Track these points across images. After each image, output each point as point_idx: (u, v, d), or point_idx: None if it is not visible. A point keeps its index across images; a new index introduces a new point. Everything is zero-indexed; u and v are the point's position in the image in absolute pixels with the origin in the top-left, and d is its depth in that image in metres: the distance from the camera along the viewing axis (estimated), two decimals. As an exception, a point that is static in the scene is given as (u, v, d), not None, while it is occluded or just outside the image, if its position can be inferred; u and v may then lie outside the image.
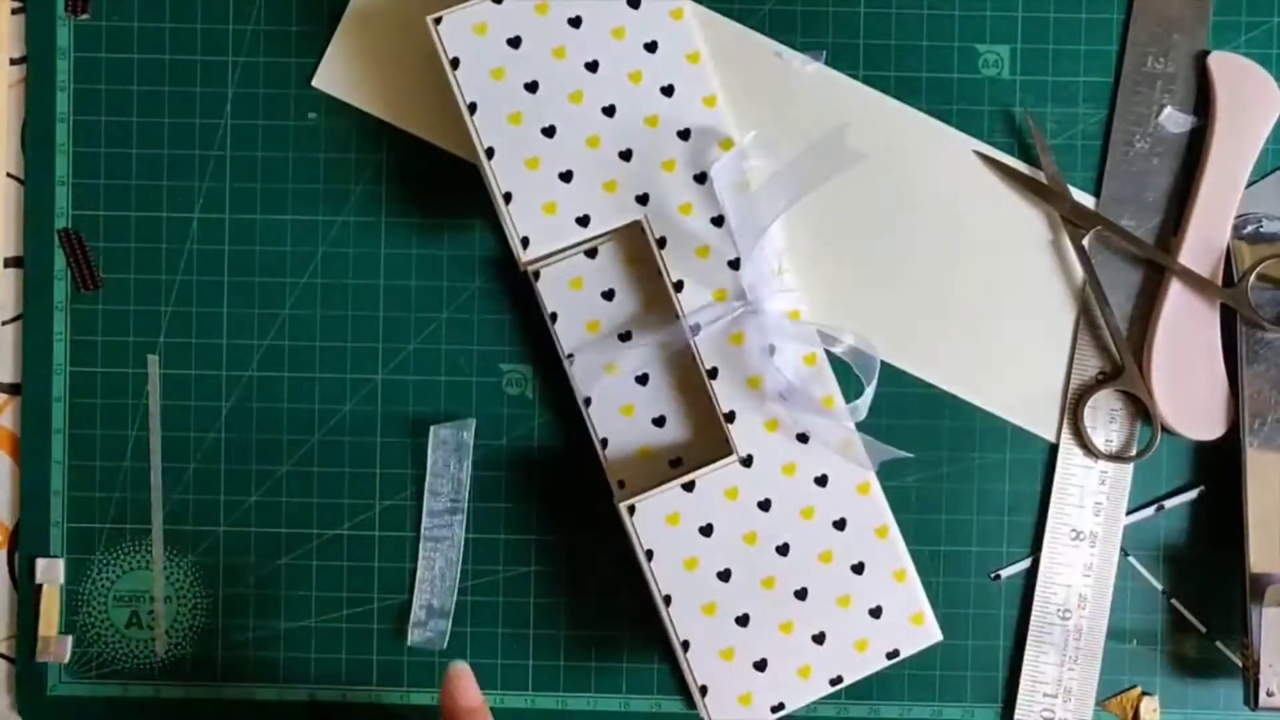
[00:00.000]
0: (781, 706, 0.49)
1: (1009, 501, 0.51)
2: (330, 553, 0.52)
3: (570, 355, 0.49)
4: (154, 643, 0.52)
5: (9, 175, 0.52)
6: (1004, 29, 0.51)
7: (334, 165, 0.52)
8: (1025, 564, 0.51)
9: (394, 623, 0.52)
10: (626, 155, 0.49)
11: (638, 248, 0.49)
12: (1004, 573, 0.51)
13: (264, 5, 0.51)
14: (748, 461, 0.49)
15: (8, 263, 0.52)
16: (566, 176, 0.48)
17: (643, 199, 0.49)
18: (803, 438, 0.49)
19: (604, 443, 0.50)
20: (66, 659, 0.52)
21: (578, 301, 0.50)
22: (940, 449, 0.51)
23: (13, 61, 0.52)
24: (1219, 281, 0.50)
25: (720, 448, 0.49)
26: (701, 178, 0.49)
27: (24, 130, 0.52)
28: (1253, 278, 0.49)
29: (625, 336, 0.50)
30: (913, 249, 0.51)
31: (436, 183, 0.52)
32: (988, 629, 0.51)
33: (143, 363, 0.52)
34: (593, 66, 0.48)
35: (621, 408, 0.50)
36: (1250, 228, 0.50)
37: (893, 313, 0.51)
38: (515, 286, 0.51)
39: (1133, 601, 0.51)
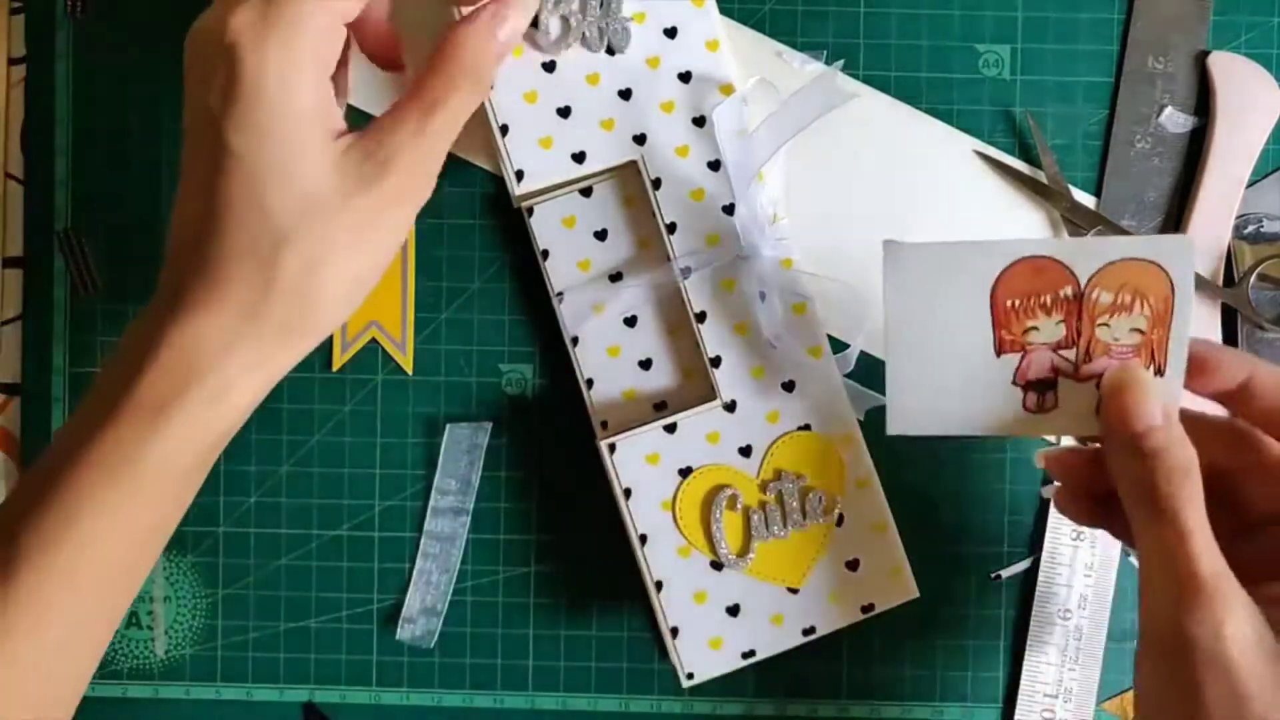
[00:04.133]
0: (753, 653, 0.49)
1: (1009, 501, 0.51)
2: (330, 553, 0.52)
3: (560, 294, 0.50)
4: (154, 643, 0.52)
5: (9, 176, 0.52)
6: (1004, 29, 0.51)
7: (334, 165, 0.52)
8: (1025, 564, 0.51)
9: (394, 623, 0.52)
10: (626, 94, 0.49)
11: (633, 188, 0.50)
12: (1004, 573, 0.51)
13: (264, 5, 0.51)
14: (731, 407, 0.49)
15: (8, 263, 0.52)
16: (565, 112, 0.49)
17: (640, 139, 0.49)
18: (788, 386, 0.49)
19: (589, 383, 0.50)
20: (66, 659, 0.52)
21: (570, 240, 0.50)
22: (940, 449, 0.51)
23: (12, 62, 0.52)
24: (1219, 281, 0.50)
25: (705, 393, 0.49)
26: (700, 121, 0.49)
27: (24, 131, 0.52)
28: (1253, 278, 0.49)
29: (616, 277, 0.50)
30: (913, 249, 0.51)
31: (436, 182, 0.51)
32: (988, 629, 0.51)
33: (143, 363, 0.52)
34: (599, 4, 0.48)
35: (608, 349, 0.50)
36: (1251, 228, 0.50)
37: (893, 313, 0.51)
38: (516, 286, 0.51)
39: (1133, 601, 0.51)
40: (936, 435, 0.43)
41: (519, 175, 0.49)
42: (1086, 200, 0.51)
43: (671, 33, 0.49)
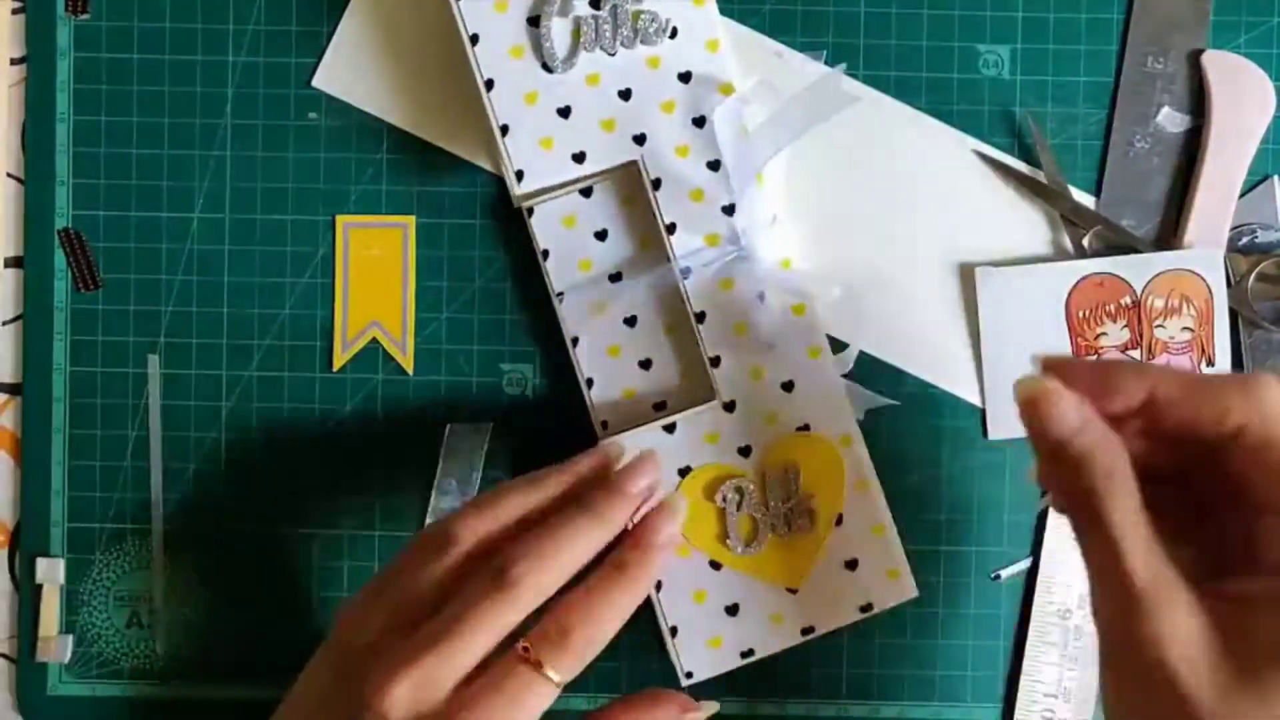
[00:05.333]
0: (751, 652, 0.49)
1: (1009, 501, 0.51)
2: (331, 553, 0.52)
3: (560, 294, 0.49)
4: (154, 643, 0.52)
5: (9, 175, 0.52)
6: (1004, 29, 0.51)
7: (334, 165, 0.52)
8: (1025, 564, 0.51)
9: (394, 623, 0.52)
10: (626, 95, 0.49)
11: (633, 188, 0.49)
12: (1004, 573, 0.51)
13: (264, 5, 0.51)
14: (730, 407, 0.49)
15: (8, 263, 0.52)
16: (565, 112, 0.48)
17: (640, 139, 0.49)
18: (787, 386, 0.49)
19: (589, 383, 0.50)
20: (67, 659, 0.52)
21: (570, 240, 0.50)
22: (940, 449, 0.51)
23: (13, 61, 0.52)
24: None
25: (705, 393, 0.49)
26: (700, 121, 0.49)
27: (24, 130, 0.52)
28: (1253, 278, 0.49)
29: (616, 277, 0.50)
30: (912, 249, 0.51)
31: (437, 183, 0.52)
32: (988, 629, 0.51)
33: (143, 363, 0.52)
34: (596, 5, 0.48)
35: (609, 349, 0.50)
36: (1245, 239, 0.50)
37: (892, 313, 0.51)
38: (516, 286, 0.51)
39: (1133, 601, 0.51)
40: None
41: (519, 175, 0.49)
42: (1086, 200, 0.51)
43: (672, 33, 0.49)
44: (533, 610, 0.40)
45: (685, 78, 0.49)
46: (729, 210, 0.48)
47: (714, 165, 0.49)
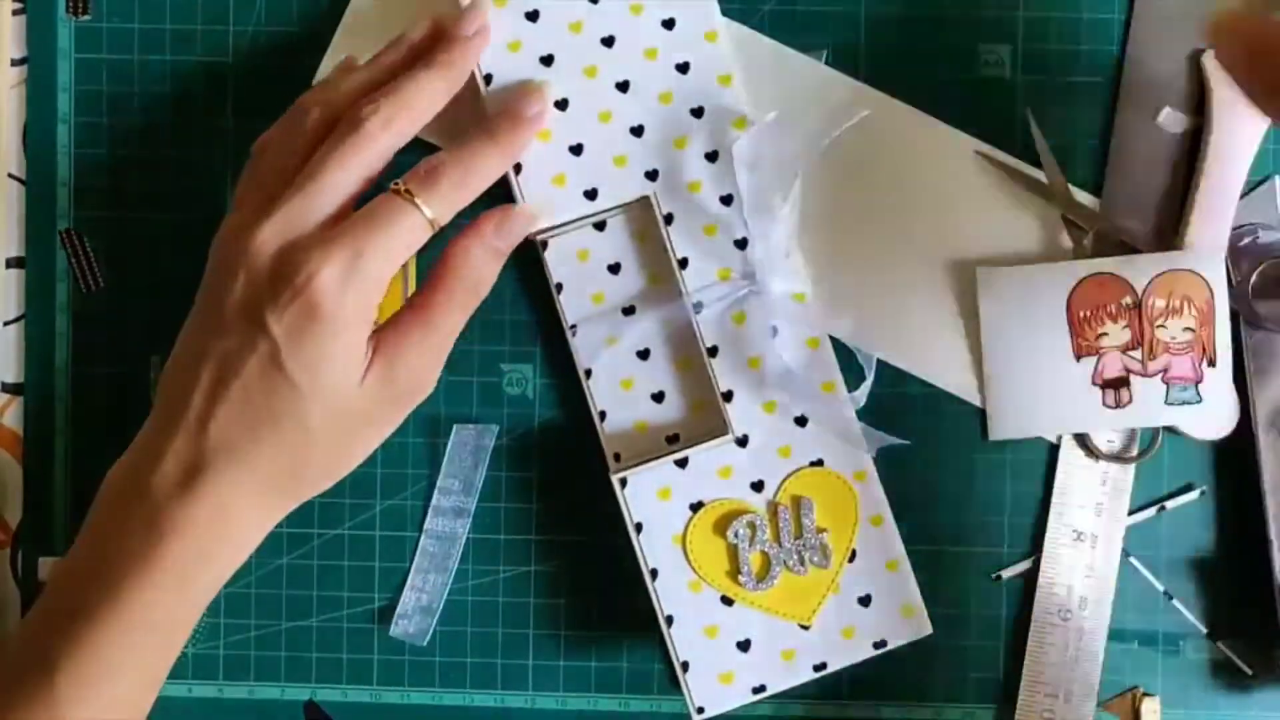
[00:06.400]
0: (763, 688, 0.49)
1: (1009, 501, 0.51)
2: (331, 552, 0.52)
3: (574, 326, 0.50)
4: (156, 642, 0.52)
5: (10, 176, 0.52)
6: (1004, 29, 0.51)
7: (334, 166, 0.52)
8: (1026, 564, 0.51)
9: (394, 623, 0.52)
10: (638, 131, 0.49)
11: (646, 222, 0.50)
12: (1004, 573, 0.51)
13: (264, 6, 0.52)
14: (743, 441, 0.49)
15: (10, 263, 0.53)
16: (577, 150, 0.49)
17: (652, 175, 0.49)
18: (800, 421, 0.49)
19: (602, 415, 0.50)
20: (69, 658, 0.52)
21: (584, 273, 0.50)
22: (940, 449, 0.51)
23: (13, 62, 0.52)
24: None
25: (717, 426, 0.49)
26: (713, 156, 0.49)
27: (25, 131, 0.52)
28: (1254, 277, 0.49)
29: (629, 310, 0.50)
30: (912, 249, 0.51)
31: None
32: (988, 629, 0.51)
33: (144, 363, 0.52)
34: (609, 42, 0.48)
35: (621, 381, 0.50)
36: (1246, 240, 0.50)
37: (892, 312, 0.51)
38: (516, 287, 0.51)
39: (1133, 602, 0.51)
40: (1032, 437, 0.50)
41: None
42: (1086, 200, 0.50)
43: (684, 68, 0.49)
44: (387, 155, 0.44)
45: (698, 112, 0.49)
46: (741, 244, 0.48)
47: (726, 200, 0.49)
